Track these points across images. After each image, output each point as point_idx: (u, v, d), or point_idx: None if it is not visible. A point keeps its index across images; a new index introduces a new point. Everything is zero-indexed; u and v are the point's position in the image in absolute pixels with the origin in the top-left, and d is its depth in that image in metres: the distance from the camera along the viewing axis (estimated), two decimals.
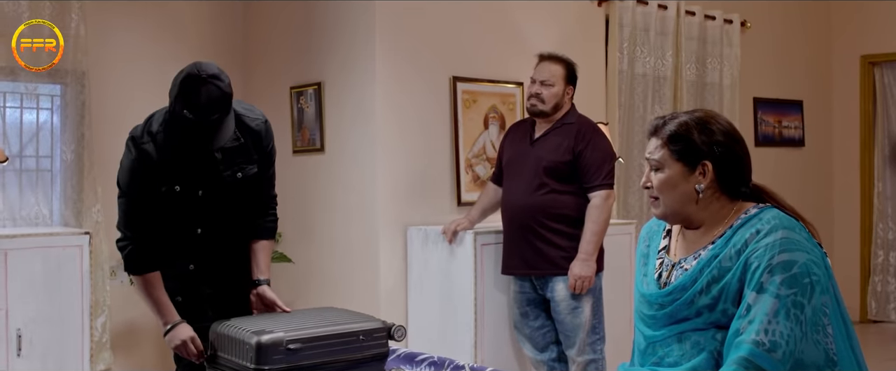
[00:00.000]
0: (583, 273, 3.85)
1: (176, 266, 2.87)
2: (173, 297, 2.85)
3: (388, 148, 4.50)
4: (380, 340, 2.52)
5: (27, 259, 3.98)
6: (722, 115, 2.12)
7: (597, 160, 3.89)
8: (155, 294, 2.81)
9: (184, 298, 2.88)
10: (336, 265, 4.75)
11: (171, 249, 2.86)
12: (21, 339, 3.96)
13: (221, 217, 2.90)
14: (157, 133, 2.77)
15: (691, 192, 2.02)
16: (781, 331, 1.83)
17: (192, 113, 2.61)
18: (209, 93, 2.62)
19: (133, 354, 4.89)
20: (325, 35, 4.75)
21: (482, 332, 4.25)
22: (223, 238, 2.93)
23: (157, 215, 2.80)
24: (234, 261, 2.98)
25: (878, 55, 7.15)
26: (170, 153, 2.75)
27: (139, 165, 2.75)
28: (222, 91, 2.64)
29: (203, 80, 2.61)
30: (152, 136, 2.78)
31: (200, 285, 2.91)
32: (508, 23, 4.93)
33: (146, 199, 2.78)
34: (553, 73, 3.96)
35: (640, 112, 5.69)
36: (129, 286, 4.81)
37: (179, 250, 2.87)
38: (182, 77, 2.64)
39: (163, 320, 2.81)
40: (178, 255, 2.87)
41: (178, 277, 2.88)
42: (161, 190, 2.77)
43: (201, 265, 2.90)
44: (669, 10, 5.80)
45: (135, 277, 2.84)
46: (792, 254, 1.88)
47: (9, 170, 4.46)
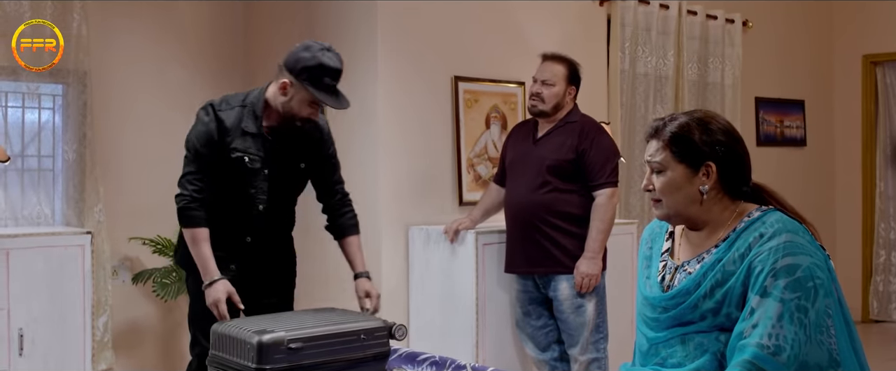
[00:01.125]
0: (589, 271, 3.86)
1: (235, 237, 3.13)
2: (227, 266, 3.09)
3: (389, 148, 4.50)
4: (381, 340, 2.52)
5: (29, 259, 3.99)
6: (720, 114, 2.10)
7: (601, 158, 3.89)
8: (201, 248, 3.04)
9: (237, 267, 3.13)
10: (338, 265, 4.74)
11: (232, 221, 3.12)
12: (23, 338, 3.96)
13: (283, 199, 3.18)
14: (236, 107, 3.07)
15: (695, 193, 2.01)
16: (786, 334, 1.83)
17: (334, 79, 3.00)
18: (340, 59, 3.04)
19: (134, 354, 4.89)
20: (327, 35, 4.75)
21: (484, 332, 4.25)
22: (280, 219, 3.22)
23: (222, 181, 3.06)
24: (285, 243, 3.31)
25: (879, 55, 7.15)
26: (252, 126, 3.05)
27: (212, 128, 3.03)
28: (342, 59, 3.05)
29: (332, 50, 3.03)
30: (230, 107, 3.07)
31: (254, 257, 3.17)
32: (510, 22, 4.93)
33: (208, 162, 3.03)
34: (554, 72, 3.96)
35: (641, 112, 5.68)
36: (130, 286, 4.82)
37: (240, 223, 3.13)
38: (315, 51, 2.98)
39: (204, 275, 3.03)
40: (239, 227, 3.13)
41: (235, 248, 3.14)
42: (231, 157, 3.03)
43: (257, 239, 3.16)
44: (671, 10, 5.80)
45: (185, 232, 3.07)
46: (796, 257, 1.88)
47: (11, 169, 4.46)
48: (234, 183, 3.07)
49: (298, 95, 3.01)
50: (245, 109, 3.07)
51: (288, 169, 3.15)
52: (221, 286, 3.00)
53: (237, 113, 3.06)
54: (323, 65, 2.97)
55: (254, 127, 3.06)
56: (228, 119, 3.05)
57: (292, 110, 3.04)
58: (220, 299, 2.97)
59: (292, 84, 3.00)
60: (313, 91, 2.97)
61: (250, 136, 3.05)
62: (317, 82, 2.97)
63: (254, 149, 3.05)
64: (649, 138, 2.07)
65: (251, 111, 3.06)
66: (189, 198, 3.04)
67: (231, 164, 3.04)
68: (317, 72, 2.96)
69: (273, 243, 3.25)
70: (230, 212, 3.11)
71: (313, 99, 3.00)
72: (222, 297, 2.98)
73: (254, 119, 3.06)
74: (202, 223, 3.04)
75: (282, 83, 3.02)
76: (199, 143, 3.04)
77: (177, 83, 5.04)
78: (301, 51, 3.01)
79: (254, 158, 3.05)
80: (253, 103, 3.08)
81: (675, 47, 5.83)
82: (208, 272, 3.02)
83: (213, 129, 3.03)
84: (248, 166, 3.05)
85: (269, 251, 3.23)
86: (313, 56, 2.97)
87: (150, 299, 4.89)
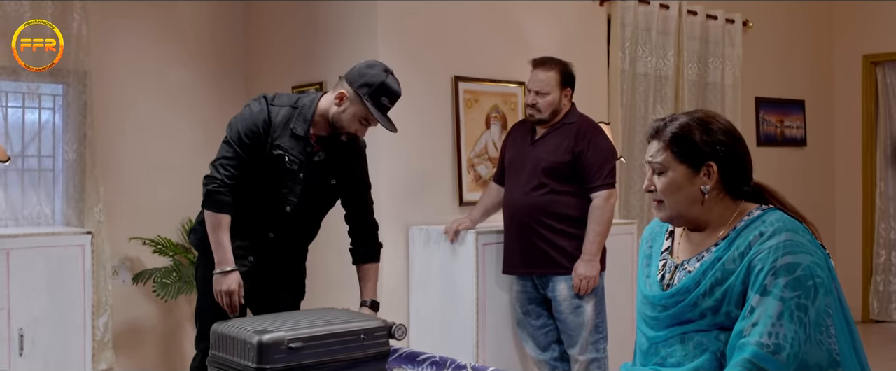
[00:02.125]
0: (587, 273, 3.85)
1: (258, 230, 3.14)
2: (246, 256, 3.12)
3: (389, 148, 4.50)
4: (381, 339, 2.52)
5: (29, 259, 3.99)
6: (721, 114, 2.10)
7: (598, 160, 3.89)
8: (220, 235, 3.04)
9: (255, 260, 3.14)
10: (338, 264, 4.75)
11: (259, 215, 3.12)
12: (23, 338, 3.96)
13: (309, 207, 3.17)
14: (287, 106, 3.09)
15: (697, 193, 2.01)
16: (785, 333, 1.83)
17: (391, 102, 3.04)
18: (400, 86, 3.08)
19: (135, 354, 4.89)
20: (327, 35, 4.75)
21: (484, 332, 4.25)
22: (302, 226, 3.24)
23: (257, 174, 3.06)
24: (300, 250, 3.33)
25: (880, 55, 7.15)
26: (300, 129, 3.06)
27: (260, 119, 3.04)
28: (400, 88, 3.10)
29: (393, 74, 3.07)
30: (283, 105, 3.09)
31: (274, 253, 3.18)
32: (510, 22, 4.93)
33: (247, 152, 3.03)
34: (547, 81, 3.93)
35: (641, 112, 5.68)
36: (130, 286, 4.82)
37: (266, 219, 3.13)
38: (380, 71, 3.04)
39: (220, 262, 3.03)
40: (264, 222, 3.14)
41: (257, 241, 3.14)
42: (272, 153, 3.04)
43: (280, 237, 3.17)
44: (671, 10, 5.80)
45: (207, 214, 3.06)
46: (796, 256, 1.87)
47: (11, 169, 4.47)
48: (268, 179, 3.07)
49: (352, 109, 3.04)
50: (296, 111, 3.08)
51: (322, 180, 3.16)
52: (235, 277, 3.02)
53: (287, 112, 3.07)
54: (385, 85, 3.02)
55: (301, 130, 3.06)
56: (279, 115, 3.06)
57: (342, 122, 3.06)
58: (232, 290, 3.00)
59: (350, 96, 3.03)
60: (371, 107, 3.00)
61: (295, 137, 3.06)
62: (375, 100, 3.01)
63: (296, 151, 3.06)
64: (650, 139, 2.07)
65: (301, 114, 3.07)
66: (220, 182, 3.03)
67: (270, 160, 3.05)
68: (378, 90, 3.01)
69: (292, 247, 3.26)
70: (258, 206, 3.11)
71: (366, 114, 3.03)
72: (235, 288, 3.00)
73: (303, 122, 3.07)
74: (228, 209, 3.03)
75: (339, 93, 3.04)
76: (244, 131, 3.04)
77: (177, 83, 5.05)
78: (365, 67, 3.06)
79: (293, 160, 3.06)
80: (304, 107, 3.09)
81: (675, 47, 5.83)
82: (225, 261, 3.02)
83: (262, 121, 3.04)
84: (286, 166, 3.05)
85: (287, 253, 3.25)
86: (378, 74, 3.03)
87: (150, 299, 4.90)
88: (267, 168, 3.06)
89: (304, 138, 3.08)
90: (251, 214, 3.11)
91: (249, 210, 3.10)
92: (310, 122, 3.08)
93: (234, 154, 3.05)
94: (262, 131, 3.04)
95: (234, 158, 3.04)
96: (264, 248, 3.17)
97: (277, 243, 3.18)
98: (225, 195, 3.03)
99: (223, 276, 3.02)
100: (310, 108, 3.09)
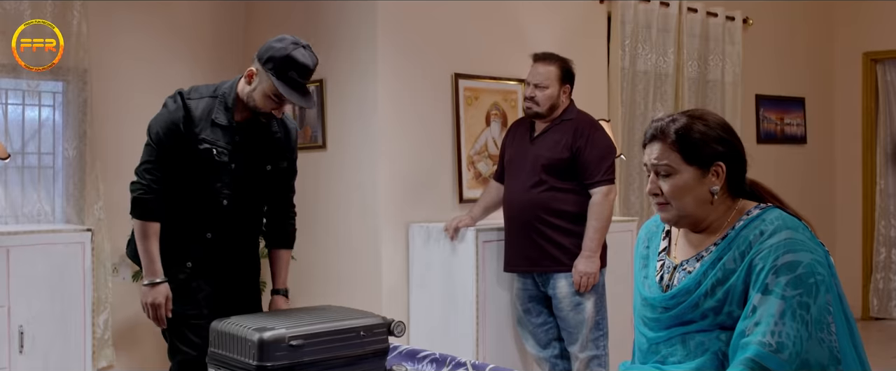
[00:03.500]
0: (587, 270, 3.85)
1: (196, 232, 2.98)
2: (183, 262, 2.96)
3: (389, 145, 4.50)
4: (380, 336, 2.52)
5: (29, 256, 3.99)
6: (712, 111, 2.09)
7: (596, 156, 3.89)
8: (149, 245, 2.91)
9: (194, 264, 2.98)
10: (338, 262, 4.76)
11: (193, 215, 2.97)
12: (23, 336, 3.96)
13: (247, 197, 3.01)
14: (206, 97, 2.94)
15: (705, 194, 1.99)
16: (788, 332, 1.83)
17: (300, 75, 2.83)
18: (313, 58, 2.89)
19: (135, 352, 4.89)
20: (327, 34, 4.75)
21: (484, 329, 4.26)
22: (244, 218, 3.04)
23: (185, 173, 2.92)
24: (248, 243, 3.12)
25: (880, 52, 7.15)
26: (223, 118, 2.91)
27: (178, 117, 2.89)
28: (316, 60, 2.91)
29: (307, 48, 2.88)
30: (200, 97, 2.93)
31: (213, 255, 3.00)
32: (510, 20, 4.93)
33: (170, 153, 2.90)
34: (546, 75, 3.94)
35: (641, 109, 5.68)
36: (130, 283, 4.82)
37: (201, 218, 2.97)
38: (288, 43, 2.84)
39: (148, 273, 2.91)
40: (199, 222, 2.97)
41: (195, 242, 2.98)
42: (198, 148, 2.88)
43: (218, 236, 2.99)
44: (671, 7, 5.80)
45: (135, 224, 2.94)
46: (796, 254, 1.87)
47: (11, 167, 4.47)
48: (197, 176, 2.92)
49: (261, 86, 2.86)
50: (216, 100, 2.93)
51: (254, 167, 3.00)
52: (163, 289, 2.90)
53: (207, 103, 2.91)
54: (291, 57, 2.81)
55: (224, 118, 2.91)
56: (198, 109, 2.90)
57: (255, 101, 2.89)
58: (159, 303, 2.88)
59: (258, 72, 2.87)
60: (276, 81, 2.80)
61: (220, 127, 2.90)
62: (282, 74, 2.81)
63: (223, 141, 2.90)
64: (650, 141, 2.02)
65: (222, 102, 2.92)
66: (146, 188, 2.89)
67: (197, 155, 2.89)
68: (283, 63, 2.81)
69: (236, 243, 3.07)
70: (191, 206, 2.96)
71: (275, 90, 2.82)
72: (162, 300, 2.89)
73: (224, 110, 2.91)
74: (156, 217, 2.90)
75: (249, 71, 2.89)
76: (163, 132, 2.89)
77: (177, 81, 5.01)
78: (274, 41, 2.87)
79: (222, 151, 2.90)
80: (224, 94, 2.94)
81: (675, 45, 5.83)
82: (152, 271, 2.90)
83: (180, 119, 2.88)
84: (215, 159, 2.90)
85: (231, 251, 3.05)
86: (284, 47, 2.83)
87: None
88: (196, 164, 2.90)
89: (229, 127, 2.91)
90: (185, 216, 2.96)
91: (182, 212, 2.96)
92: (232, 109, 2.92)
93: (156, 157, 2.90)
94: (183, 128, 2.88)
95: (157, 161, 2.90)
96: (203, 251, 2.98)
97: (218, 244, 2.99)
98: (152, 201, 2.89)
99: (150, 288, 2.90)
100: (230, 95, 2.93)
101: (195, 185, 2.94)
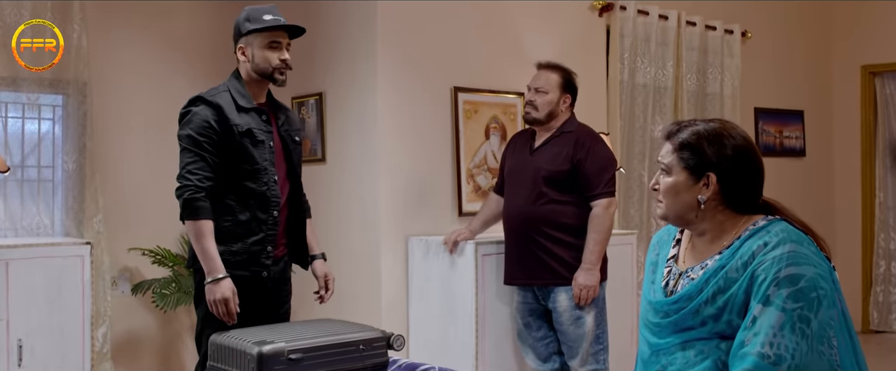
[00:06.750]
0: (587, 282, 3.85)
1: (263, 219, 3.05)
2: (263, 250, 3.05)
3: (389, 158, 4.50)
4: (379, 350, 2.52)
5: (28, 269, 3.99)
6: (739, 128, 2.10)
7: (597, 169, 3.89)
8: (205, 243, 2.93)
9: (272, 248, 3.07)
10: (338, 275, 4.72)
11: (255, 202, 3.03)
12: (22, 349, 3.95)
13: (291, 169, 3.17)
14: (222, 92, 3.05)
15: (693, 201, 2.03)
16: (787, 344, 1.83)
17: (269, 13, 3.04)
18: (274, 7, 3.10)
19: (134, 365, 4.88)
20: (326, 46, 4.76)
21: (483, 343, 4.25)
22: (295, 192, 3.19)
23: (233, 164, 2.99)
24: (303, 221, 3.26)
25: (878, 65, 7.16)
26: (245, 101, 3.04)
27: (208, 114, 2.97)
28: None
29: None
30: (217, 93, 3.05)
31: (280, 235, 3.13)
32: (509, 33, 4.94)
33: (211, 149, 2.96)
34: (548, 81, 3.96)
35: (640, 122, 5.69)
36: (130, 296, 4.82)
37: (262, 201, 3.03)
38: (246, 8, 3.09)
39: (209, 271, 2.93)
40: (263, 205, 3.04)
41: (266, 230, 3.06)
42: (238, 132, 2.98)
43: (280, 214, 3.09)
44: (670, 21, 5.82)
45: (188, 226, 2.96)
46: (799, 267, 1.87)
47: (10, 180, 4.47)
48: (245, 162, 3.00)
49: (255, 45, 3.06)
50: (231, 92, 3.06)
51: (290, 140, 3.18)
52: (228, 283, 2.92)
53: (225, 96, 3.04)
54: (253, 9, 3.07)
55: (247, 102, 3.05)
56: (222, 101, 3.01)
57: (263, 66, 3.06)
58: (227, 297, 2.90)
59: (245, 44, 3.07)
60: (261, 30, 3.02)
61: (245, 112, 3.03)
62: (259, 22, 3.04)
63: (255, 123, 3.05)
64: (664, 139, 2.11)
65: (238, 90, 3.07)
66: (194, 188, 2.93)
67: (238, 141, 2.98)
68: (253, 15, 3.05)
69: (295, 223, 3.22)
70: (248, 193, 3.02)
71: (266, 38, 3.04)
72: (230, 295, 2.91)
73: (242, 96, 3.06)
74: (209, 215, 2.94)
75: (239, 49, 3.09)
76: (197, 131, 2.96)
77: (176, 93, 5.03)
78: (235, 22, 3.12)
79: (260, 130, 3.05)
80: (234, 85, 3.09)
81: (674, 58, 5.84)
82: (214, 269, 2.92)
83: (211, 114, 2.97)
84: (257, 139, 3.02)
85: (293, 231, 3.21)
86: (244, 11, 3.09)
87: (149, 310, 4.89)
88: (240, 152, 3.00)
89: (255, 108, 3.07)
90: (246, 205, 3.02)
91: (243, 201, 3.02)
92: (247, 95, 3.08)
93: (196, 157, 2.96)
94: (216, 123, 2.98)
95: (200, 160, 2.96)
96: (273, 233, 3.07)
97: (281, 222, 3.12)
98: (202, 200, 2.93)
99: (215, 285, 2.92)
100: (240, 83, 3.09)
101: (245, 173, 3.01)
